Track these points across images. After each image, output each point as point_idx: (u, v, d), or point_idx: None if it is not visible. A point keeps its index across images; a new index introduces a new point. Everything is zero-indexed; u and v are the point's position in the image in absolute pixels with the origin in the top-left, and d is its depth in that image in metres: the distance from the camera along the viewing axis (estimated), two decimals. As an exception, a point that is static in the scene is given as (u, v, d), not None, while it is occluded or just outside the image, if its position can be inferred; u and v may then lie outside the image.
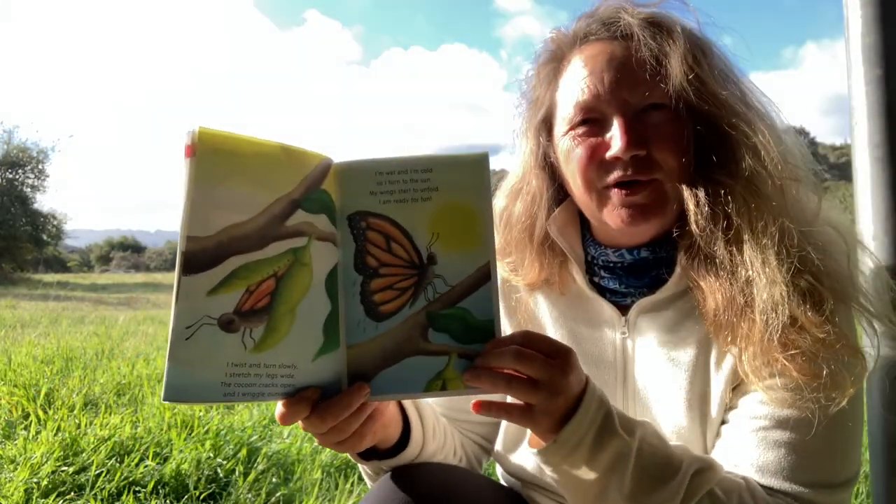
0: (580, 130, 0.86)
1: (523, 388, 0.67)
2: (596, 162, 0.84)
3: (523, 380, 0.67)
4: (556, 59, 0.92)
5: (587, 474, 0.71)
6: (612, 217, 0.85)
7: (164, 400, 0.62)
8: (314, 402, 0.68)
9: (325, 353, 0.70)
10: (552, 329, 0.96)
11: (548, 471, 0.73)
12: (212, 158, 0.64)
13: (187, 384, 0.62)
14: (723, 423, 0.83)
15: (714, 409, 0.82)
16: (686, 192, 0.81)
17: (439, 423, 0.97)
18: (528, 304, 0.99)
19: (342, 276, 0.71)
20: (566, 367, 0.68)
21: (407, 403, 0.89)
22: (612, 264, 0.91)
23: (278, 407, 0.69)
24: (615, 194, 0.84)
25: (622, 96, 0.82)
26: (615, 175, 0.83)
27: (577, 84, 0.86)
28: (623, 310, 0.91)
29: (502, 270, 0.99)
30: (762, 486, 0.75)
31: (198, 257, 0.63)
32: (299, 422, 0.70)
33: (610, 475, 0.70)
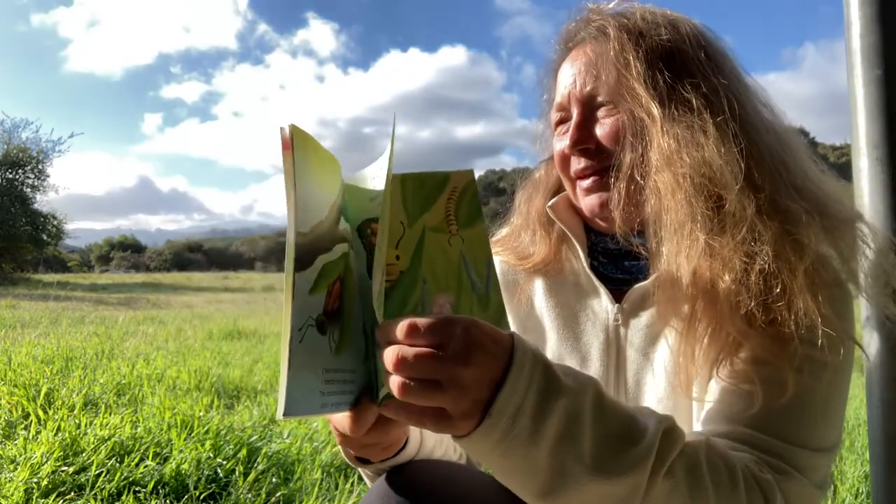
0: (559, 129, 0.95)
1: (424, 392, 0.54)
2: (562, 155, 0.93)
3: (420, 383, 0.54)
4: (555, 61, 0.99)
5: (535, 452, 0.57)
6: (585, 206, 0.92)
7: (285, 416, 0.55)
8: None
9: (365, 356, 0.69)
10: (549, 316, 0.98)
11: (485, 462, 0.60)
12: (304, 154, 0.62)
13: (302, 394, 0.57)
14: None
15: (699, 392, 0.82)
16: (613, 188, 0.86)
17: None
18: (527, 290, 1.02)
19: (361, 285, 0.71)
20: (461, 357, 0.54)
21: None
22: (610, 251, 0.94)
23: (342, 418, 0.67)
24: (578, 185, 0.93)
25: (576, 95, 0.91)
26: (573, 168, 0.92)
27: (559, 86, 0.95)
28: (620, 297, 0.92)
29: (508, 256, 1.03)
30: (728, 437, 0.73)
31: (302, 253, 0.60)
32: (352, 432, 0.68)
33: (564, 443, 0.57)
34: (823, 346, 0.73)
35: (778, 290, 0.73)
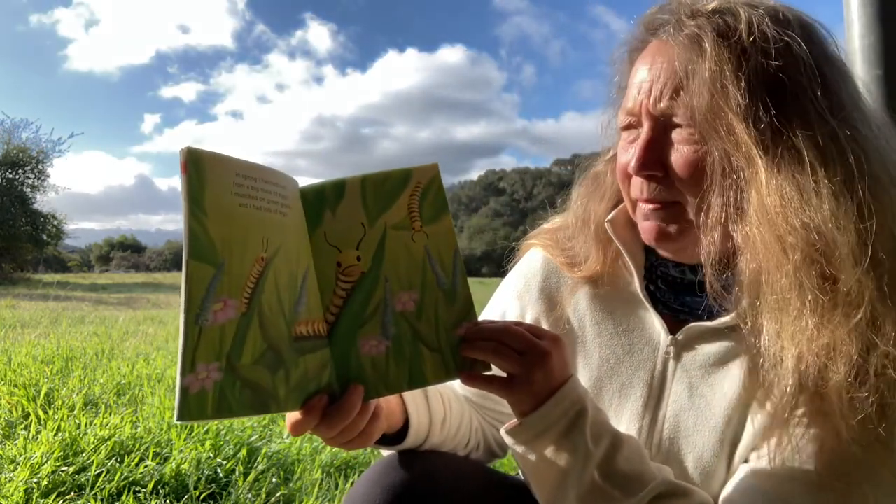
0: (625, 135, 0.81)
1: (500, 384, 0.73)
2: (625, 172, 0.81)
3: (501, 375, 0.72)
4: (634, 46, 0.84)
5: (549, 464, 0.72)
6: (642, 231, 0.81)
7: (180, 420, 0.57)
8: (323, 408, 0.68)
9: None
10: (593, 332, 0.89)
11: (515, 450, 0.75)
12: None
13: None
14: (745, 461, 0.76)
15: (742, 455, 0.76)
16: (703, 238, 0.73)
17: (452, 412, 0.92)
18: (569, 301, 0.92)
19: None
20: (537, 364, 0.70)
21: (408, 396, 0.85)
22: (671, 278, 0.84)
23: (292, 416, 0.68)
24: (639, 208, 0.80)
25: (648, 108, 0.75)
26: (633, 190, 0.80)
27: (631, 84, 0.80)
28: (673, 327, 0.83)
29: (556, 255, 0.94)
30: None
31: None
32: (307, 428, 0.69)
33: (569, 471, 0.71)
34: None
35: None
